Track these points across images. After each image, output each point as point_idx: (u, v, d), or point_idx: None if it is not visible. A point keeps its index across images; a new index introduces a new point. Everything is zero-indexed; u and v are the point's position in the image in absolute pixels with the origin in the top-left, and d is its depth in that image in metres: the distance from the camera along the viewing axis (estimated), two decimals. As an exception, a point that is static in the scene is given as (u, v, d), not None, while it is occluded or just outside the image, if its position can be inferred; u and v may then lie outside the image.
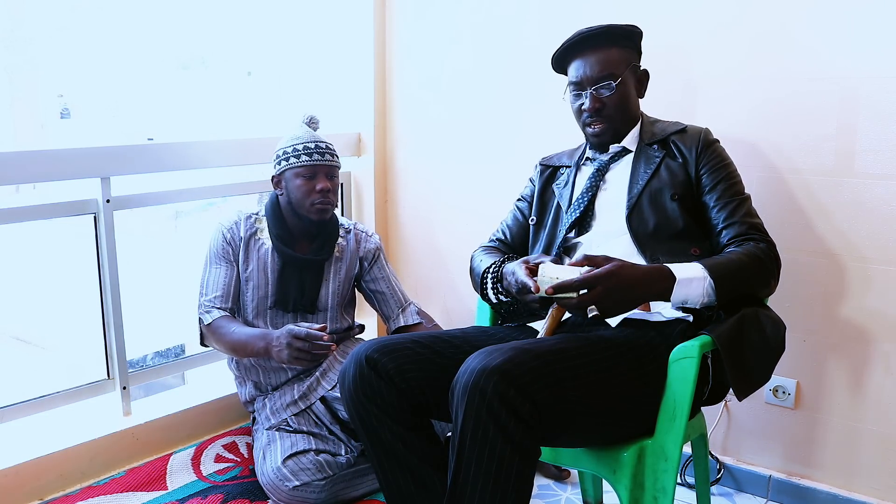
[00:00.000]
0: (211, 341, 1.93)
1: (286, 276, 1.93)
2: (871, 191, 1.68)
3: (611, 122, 1.58)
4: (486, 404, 1.14)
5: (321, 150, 1.92)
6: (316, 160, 1.90)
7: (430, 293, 2.53)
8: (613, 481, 1.35)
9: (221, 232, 1.95)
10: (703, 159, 1.53)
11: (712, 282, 1.34)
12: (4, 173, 1.76)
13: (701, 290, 1.34)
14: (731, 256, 1.39)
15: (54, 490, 1.84)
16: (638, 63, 1.61)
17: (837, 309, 1.77)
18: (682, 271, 1.34)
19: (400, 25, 2.44)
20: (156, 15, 9.25)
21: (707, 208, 1.51)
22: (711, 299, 1.35)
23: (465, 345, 1.42)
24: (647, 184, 1.52)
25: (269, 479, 1.76)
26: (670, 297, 1.34)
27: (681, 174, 1.52)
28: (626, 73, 1.56)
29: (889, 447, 1.74)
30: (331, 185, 1.92)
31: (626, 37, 1.58)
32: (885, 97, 1.64)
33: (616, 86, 1.55)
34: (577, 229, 1.58)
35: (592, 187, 1.59)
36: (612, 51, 1.55)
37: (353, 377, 1.36)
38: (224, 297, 1.92)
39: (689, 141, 1.55)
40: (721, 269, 1.36)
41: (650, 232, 1.48)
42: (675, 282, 1.33)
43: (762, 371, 1.39)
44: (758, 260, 1.40)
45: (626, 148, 1.61)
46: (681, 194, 1.50)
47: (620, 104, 1.57)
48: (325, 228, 1.98)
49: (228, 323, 1.89)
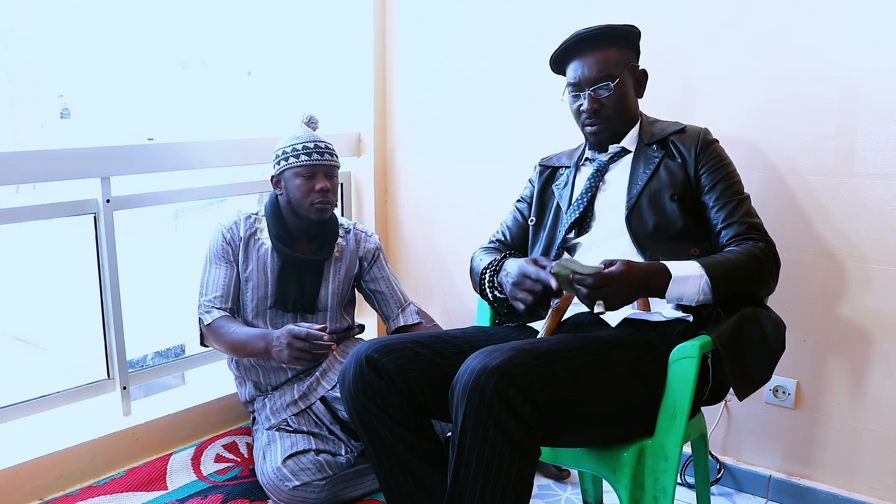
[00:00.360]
0: (211, 341, 1.93)
1: (286, 276, 1.93)
2: (871, 191, 1.68)
3: (609, 123, 1.58)
4: (486, 404, 1.14)
5: (320, 150, 1.92)
6: (315, 160, 1.90)
7: (430, 293, 2.53)
8: (613, 481, 1.35)
9: (221, 232, 1.95)
10: (702, 159, 1.53)
11: (709, 280, 1.34)
12: (4, 173, 1.76)
13: (697, 287, 1.34)
14: (729, 256, 1.40)
15: (54, 490, 1.84)
16: (636, 63, 1.61)
17: (837, 309, 1.77)
18: (679, 269, 1.35)
19: (400, 25, 2.44)
20: (156, 15, 9.25)
21: (706, 208, 1.51)
22: (708, 297, 1.35)
23: (466, 345, 1.42)
24: (646, 184, 1.52)
25: (269, 479, 1.76)
26: (665, 293, 1.34)
27: (680, 174, 1.52)
28: (624, 73, 1.56)
29: (889, 447, 1.74)
30: (330, 185, 1.92)
31: (624, 37, 1.58)
32: (885, 97, 1.64)
33: (614, 86, 1.54)
34: (577, 230, 1.58)
35: (592, 188, 1.59)
36: (609, 51, 1.55)
37: (354, 377, 1.36)
38: (224, 297, 1.92)
39: (689, 141, 1.55)
40: (718, 267, 1.36)
41: (650, 232, 1.48)
42: (671, 279, 1.33)
43: (762, 371, 1.39)
44: (756, 259, 1.40)
45: (626, 148, 1.61)
46: (680, 194, 1.50)
47: (619, 105, 1.57)
48: (324, 228, 1.98)
49: (228, 323, 1.89)
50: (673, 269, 1.34)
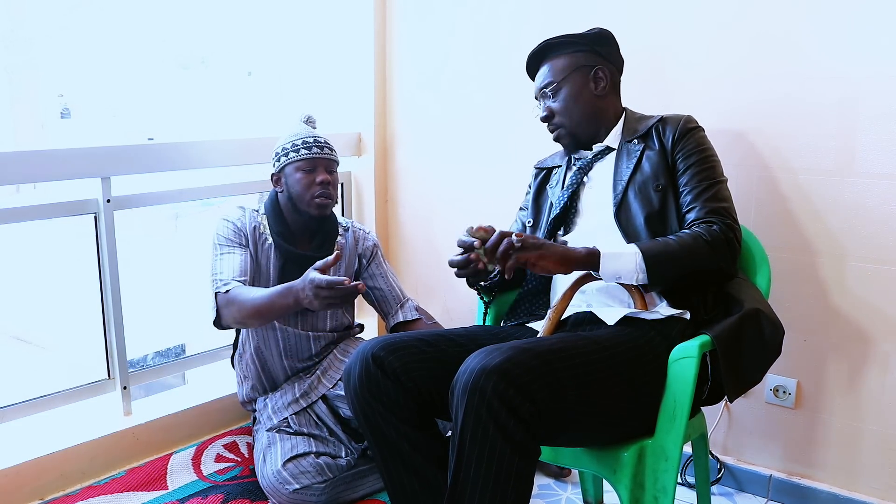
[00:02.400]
0: (231, 311, 1.77)
1: (287, 273, 1.93)
2: (871, 191, 1.68)
3: (563, 127, 1.62)
4: (486, 403, 1.14)
5: (320, 145, 1.94)
6: (315, 153, 1.92)
7: (430, 293, 2.53)
8: (614, 481, 1.35)
9: (230, 220, 1.91)
10: (679, 145, 1.53)
11: (642, 260, 1.35)
12: (4, 173, 1.76)
13: (633, 265, 1.36)
14: (670, 238, 1.41)
15: (55, 490, 1.84)
16: (594, 63, 1.61)
17: (837, 309, 1.77)
18: (613, 247, 1.38)
19: (400, 25, 2.44)
20: (156, 15, 9.26)
21: (679, 193, 1.51)
22: (644, 277, 1.36)
23: (471, 343, 1.42)
24: (630, 179, 1.53)
25: (270, 482, 1.76)
26: (600, 269, 1.36)
27: (661, 163, 1.52)
28: (570, 76, 1.59)
29: (889, 447, 1.74)
30: (331, 179, 1.93)
31: (572, 43, 1.61)
32: (885, 97, 1.64)
33: (553, 91, 1.60)
34: (563, 227, 1.59)
35: (574, 184, 1.60)
36: (554, 60, 1.62)
37: (359, 375, 1.36)
38: (242, 273, 1.84)
39: (669, 128, 1.55)
40: (654, 247, 1.38)
41: (639, 226, 1.48)
42: (600, 254, 1.36)
43: (755, 373, 1.40)
44: (700, 241, 1.39)
45: (610, 147, 1.62)
46: (664, 184, 1.50)
47: (566, 108, 1.60)
48: (324, 225, 1.98)
49: (247, 289, 1.78)
50: (606, 247, 1.38)
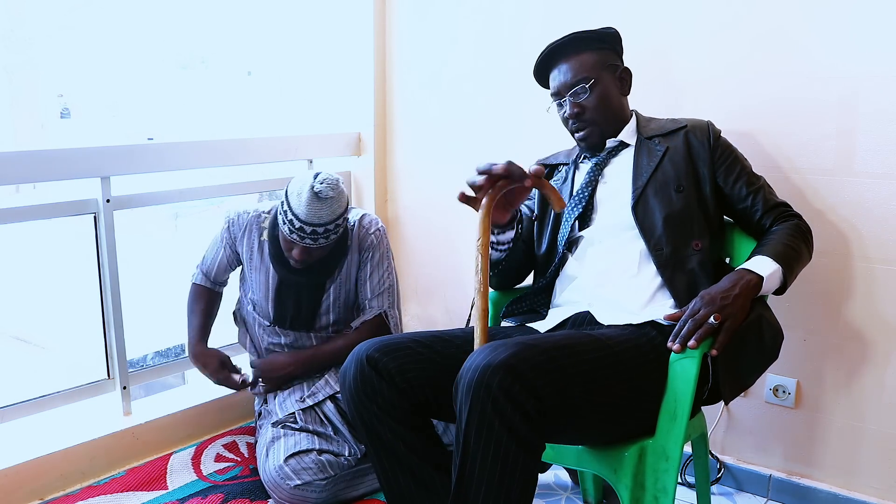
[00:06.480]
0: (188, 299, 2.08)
1: (283, 294, 1.94)
2: (871, 190, 1.68)
3: (595, 125, 1.61)
4: (492, 400, 1.14)
5: (314, 237, 1.81)
6: (295, 239, 1.81)
7: (430, 293, 2.53)
8: (614, 481, 1.35)
9: (227, 218, 2.00)
10: (717, 153, 1.57)
11: (782, 270, 1.41)
12: (4, 173, 1.76)
13: (777, 280, 1.41)
14: (784, 240, 1.46)
15: (54, 490, 1.84)
16: (617, 63, 1.62)
17: (837, 309, 1.77)
18: (760, 268, 1.40)
19: (400, 26, 2.44)
20: (156, 15, 9.24)
21: (736, 199, 1.55)
22: (779, 286, 1.43)
23: (466, 344, 1.41)
24: (651, 176, 1.54)
25: (271, 477, 1.76)
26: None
27: (688, 167, 1.55)
28: (601, 73, 1.59)
29: (889, 447, 1.74)
30: (307, 256, 1.85)
31: (598, 39, 1.61)
32: (885, 97, 1.64)
33: (590, 87, 1.58)
34: (580, 223, 1.59)
35: (592, 181, 1.60)
36: (583, 56, 1.59)
37: (354, 376, 1.36)
38: (208, 272, 2.06)
39: (699, 134, 1.59)
40: (783, 253, 1.43)
41: (656, 224, 1.49)
42: (762, 279, 1.39)
43: (751, 376, 1.42)
44: (804, 235, 1.50)
45: (625, 142, 1.62)
46: (686, 186, 1.52)
47: (600, 105, 1.59)
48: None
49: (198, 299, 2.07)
50: (756, 268, 1.40)
